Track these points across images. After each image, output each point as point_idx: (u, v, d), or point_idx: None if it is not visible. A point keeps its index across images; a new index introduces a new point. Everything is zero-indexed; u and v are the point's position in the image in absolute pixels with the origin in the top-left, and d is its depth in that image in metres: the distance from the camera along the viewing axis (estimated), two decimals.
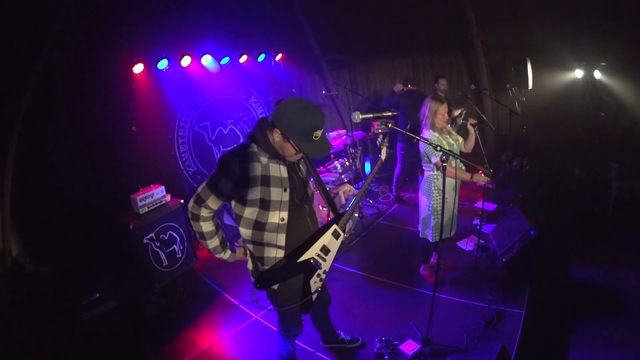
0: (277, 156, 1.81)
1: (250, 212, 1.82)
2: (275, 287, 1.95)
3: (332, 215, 2.09)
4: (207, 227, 1.85)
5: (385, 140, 2.22)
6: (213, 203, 1.79)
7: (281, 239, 1.88)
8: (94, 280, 3.30)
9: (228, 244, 1.99)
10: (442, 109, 2.93)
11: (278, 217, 1.83)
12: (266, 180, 1.78)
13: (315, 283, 1.99)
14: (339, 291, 3.40)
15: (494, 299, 2.98)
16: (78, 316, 2.98)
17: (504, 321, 2.75)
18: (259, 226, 1.84)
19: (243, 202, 1.81)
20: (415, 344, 2.61)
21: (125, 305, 3.25)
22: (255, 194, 1.77)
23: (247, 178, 1.74)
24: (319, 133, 1.70)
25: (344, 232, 2.05)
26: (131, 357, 2.93)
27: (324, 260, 1.97)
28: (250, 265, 1.97)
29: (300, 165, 1.97)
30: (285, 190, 1.82)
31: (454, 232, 3.27)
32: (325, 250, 1.97)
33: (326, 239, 1.97)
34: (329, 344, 2.71)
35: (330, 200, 2.09)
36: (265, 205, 1.80)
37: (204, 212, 1.81)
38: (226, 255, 1.96)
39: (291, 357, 2.43)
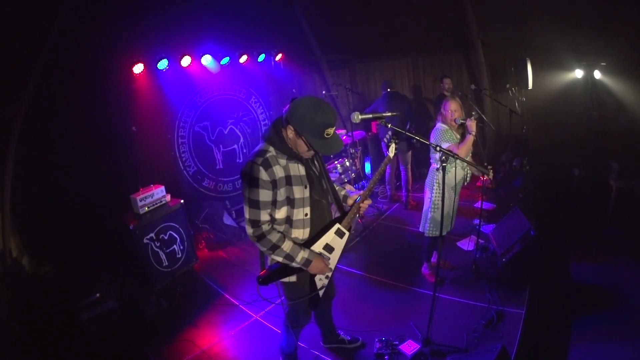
0: (294, 156, 1.86)
1: (282, 212, 1.88)
2: (286, 280, 2.00)
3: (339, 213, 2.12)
4: (274, 236, 1.85)
5: (393, 137, 2.19)
6: (266, 216, 1.84)
7: (307, 234, 1.95)
8: (94, 280, 3.31)
9: None
10: (451, 105, 3.07)
11: (302, 213, 1.91)
12: (289, 180, 1.84)
13: (320, 280, 2.05)
14: (339, 291, 3.38)
15: (494, 299, 2.98)
16: (78, 316, 2.98)
17: (504, 321, 2.75)
18: (289, 222, 1.92)
19: (274, 204, 1.85)
20: (415, 344, 2.61)
21: (125, 305, 3.25)
22: (282, 194, 1.84)
23: (275, 181, 1.80)
24: (330, 130, 1.75)
25: (348, 230, 2.07)
26: (131, 357, 2.93)
27: (328, 258, 2.01)
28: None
29: (315, 162, 2.03)
30: (305, 187, 1.89)
31: (449, 230, 3.28)
32: (328, 248, 2.01)
33: (329, 237, 2.01)
34: (329, 344, 2.71)
35: (337, 198, 2.14)
36: (291, 203, 1.87)
37: (265, 227, 1.84)
38: (306, 253, 1.91)
39: (293, 352, 2.44)
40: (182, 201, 3.80)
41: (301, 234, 1.95)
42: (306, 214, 1.92)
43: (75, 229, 3.70)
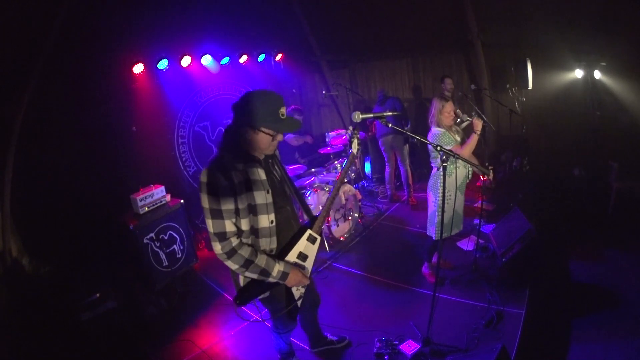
0: (251, 159, 1.79)
1: (245, 222, 1.78)
2: (261, 295, 1.93)
3: (330, 214, 2.08)
4: (245, 251, 1.75)
5: (355, 131, 2.05)
6: (232, 226, 1.73)
7: (274, 243, 1.87)
8: (94, 280, 3.30)
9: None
10: (448, 107, 2.99)
11: (268, 220, 1.81)
12: (248, 185, 1.75)
13: (297, 290, 1.98)
14: (339, 291, 3.40)
15: (494, 299, 2.98)
16: (78, 316, 2.98)
17: (504, 321, 2.75)
18: (254, 232, 1.82)
19: (237, 213, 1.77)
20: (415, 344, 2.61)
21: (125, 305, 3.25)
22: (243, 201, 1.75)
23: (234, 185, 1.71)
24: (284, 111, 1.75)
25: (320, 235, 2.01)
26: (131, 357, 2.93)
27: (303, 267, 1.94)
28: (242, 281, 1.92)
29: (276, 166, 1.97)
30: (268, 192, 1.81)
31: (459, 230, 3.27)
32: (302, 257, 1.94)
33: (302, 245, 1.94)
34: (317, 347, 2.68)
35: (304, 203, 2.08)
36: (253, 210, 1.78)
37: (234, 240, 1.73)
38: (282, 265, 1.82)
39: (290, 350, 2.44)
40: (182, 201, 3.80)
41: (268, 243, 1.85)
42: (272, 222, 1.82)
43: (75, 229, 3.69)
